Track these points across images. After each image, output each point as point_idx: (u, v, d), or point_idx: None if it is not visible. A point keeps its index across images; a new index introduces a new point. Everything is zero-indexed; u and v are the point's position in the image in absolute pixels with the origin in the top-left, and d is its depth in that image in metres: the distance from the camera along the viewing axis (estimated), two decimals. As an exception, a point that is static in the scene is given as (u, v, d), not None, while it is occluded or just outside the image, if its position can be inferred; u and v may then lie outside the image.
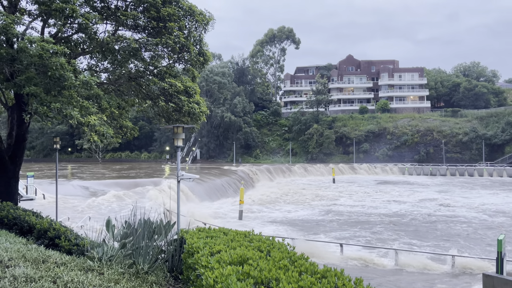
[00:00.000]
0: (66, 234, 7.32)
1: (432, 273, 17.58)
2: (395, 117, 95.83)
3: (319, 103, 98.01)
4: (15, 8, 13.41)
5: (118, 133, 17.26)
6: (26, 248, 6.42)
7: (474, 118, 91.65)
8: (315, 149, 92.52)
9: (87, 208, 27.44)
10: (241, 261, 4.80)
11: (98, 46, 14.53)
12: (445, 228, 27.95)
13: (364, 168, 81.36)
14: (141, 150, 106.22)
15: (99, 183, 40.62)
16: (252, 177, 58.76)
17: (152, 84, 15.99)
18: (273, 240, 6.08)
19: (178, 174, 11.49)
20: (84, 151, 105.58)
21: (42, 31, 14.01)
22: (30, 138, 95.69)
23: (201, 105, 16.68)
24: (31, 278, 4.91)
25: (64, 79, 11.13)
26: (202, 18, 16.03)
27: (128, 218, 7.07)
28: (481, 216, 32.55)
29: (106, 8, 14.73)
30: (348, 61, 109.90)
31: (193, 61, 16.35)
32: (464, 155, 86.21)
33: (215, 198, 40.66)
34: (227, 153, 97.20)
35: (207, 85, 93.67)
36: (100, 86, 15.17)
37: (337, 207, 38.02)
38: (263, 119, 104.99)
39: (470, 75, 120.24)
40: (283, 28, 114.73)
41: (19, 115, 13.50)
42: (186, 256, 5.75)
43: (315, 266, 4.60)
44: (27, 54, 10.94)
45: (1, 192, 14.13)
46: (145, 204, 27.42)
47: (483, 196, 45.36)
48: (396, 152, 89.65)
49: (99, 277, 5.31)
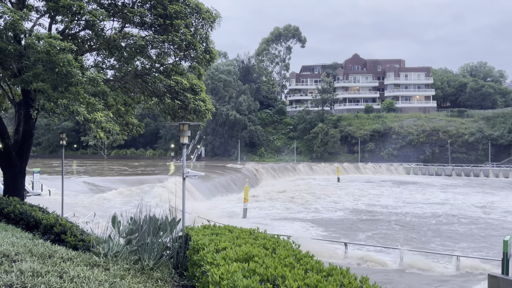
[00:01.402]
0: (72, 230, 7.35)
1: (436, 273, 17.51)
2: (400, 117, 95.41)
3: (324, 102, 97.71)
4: (23, 4, 13.49)
5: (124, 130, 17.34)
6: (33, 243, 6.46)
7: (481, 119, 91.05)
8: (320, 148, 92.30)
9: (93, 204, 27.57)
10: (246, 258, 4.80)
11: (105, 43, 14.58)
12: (453, 229, 27.82)
13: (369, 168, 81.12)
14: (146, 147, 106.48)
15: (104, 179, 40.81)
16: (256, 175, 58.76)
17: (158, 82, 16.04)
18: (278, 238, 6.08)
19: (183, 172, 11.52)
20: (89, 148, 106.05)
21: (49, 27, 14.08)
22: (37, 134, 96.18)
23: (207, 103, 16.71)
24: (38, 273, 4.94)
25: (71, 75, 11.18)
26: (209, 16, 16.03)
27: (133, 215, 7.09)
28: (491, 216, 32.38)
29: (113, 5, 14.77)
30: (354, 60, 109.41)
31: (199, 59, 16.37)
32: (470, 155, 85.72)
33: (220, 196, 40.73)
34: (232, 151, 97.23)
35: (213, 83, 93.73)
36: (106, 83, 15.22)
37: (340, 205, 37.95)
38: (268, 118, 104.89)
39: (477, 75, 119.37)
40: (289, 26, 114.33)
41: (26, 111, 13.59)
42: (191, 253, 5.75)
43: (321, 264, 4.59)
44: (35, 50, 11.00)
45: (8, 187, 14.25)
46: (151, 201, 27.51)
47: (494, 196, 45.10)
48: (401, 152, 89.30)
49: (104, 272, 5.33)
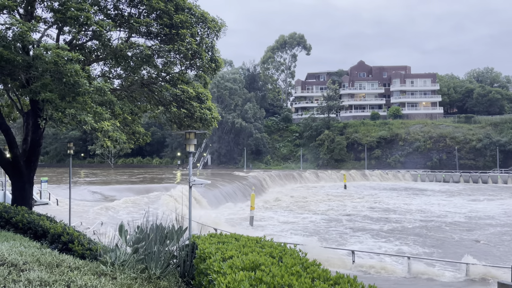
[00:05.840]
0: (79, 239, 7.38)
1: (446, 281, 17.31)
2: (407, 123, 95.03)
3: (330, 109, 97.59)
4: (31, 16, 13.67)
5: (131, 138, 17.43)
6: (40, 252, 6.49)
7: (488, 124, 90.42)
8: (326, 155, 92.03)
9: (100, 213, 27.64)
10: (253, 266, 4.79)
11: (112, 53, 14.72)
12: (465, 236, 27.55)
13: (376, 175, 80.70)
14: (152, 156, 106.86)
15: (111, 188, 40.92)
16: (263, 183, 58.66)
17: (165, 90, 16.15)
18: (285, 246, 6.05)
19: (189, 180, 11.55)
20: (96, 157, 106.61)
21: (57, 38, 14.26)
22: (44, 144, 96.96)
23: (213, 111, 16.77)
24: (46, 282, 4.96)
25: (78, 85, 11.30)
26: (214, 25, 16.15)
27: (140, 223, 7.11)
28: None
29: (119, 15, 14.94)
30: (359, 67, 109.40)
31: (205, 68, 16.47)
32: (478, 161, 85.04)
33: (226, 204, 40.65)
34: (238, 159, 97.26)
35: (218, 91, 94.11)
36: (113, 92, 15.35)
37: (347, 211, 37.73)
38: (274, 125, 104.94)
39: (484, 81, 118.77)
40: (294, 34, 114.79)
41: (35, 120, 13.72)
42: (198, 262, 5.75)
43: (328, 273, 4.56)
44: (43, 61, 11.13)
45: (16, 196, 14.35)
46: (157, 209, 27.55)
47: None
48: (408, 159, 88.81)
49: (112, 281, 5.35)
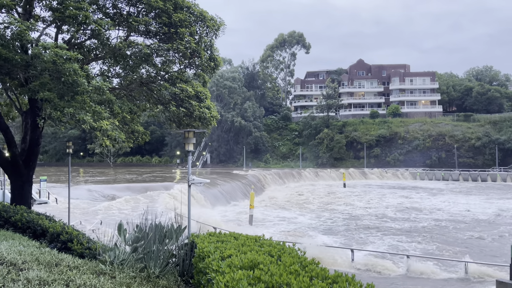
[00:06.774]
0: (78, 238, 7.38)
1: (444, 279, 17.34)
2: (406, 122, 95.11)
3: (329, 107, 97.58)
4: (29, 15, 13.66)
5: (130, 137, 17.42)
6: (39, 252, 6.50)
7: (487, 123, 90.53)
8: (325, 153, 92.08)
9: (99, 212, 27.65)
10: (252, 265, 4.80)
11: (110, 52, 14.71)
12: (460, 235, 27.61)
13: (375, 173, 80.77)
14: (152, 155, 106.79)
15: (110, 187, 40.89)
16: (262, 181, 58.68)
17: (163, 89, 16.14)
18: (284, 245, 6.06)
19: (189, 179, 11.56)
20: (95, 156, 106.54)
21: (56, 37, 14.25)
22: (43, 143, 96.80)
23: (212, 110, 16.78)
24: (45, 281, 4.98)
25: (77, 84, 11.29)
26: (213, 24, 16.14)
27: (139, 222, 7.12)
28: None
29: (118, 14, 14.93)
30: (358, 66, 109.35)
31: (204, 66, 16.46)
32: (477, 160, 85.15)
33: (226, 203, 40.67)
34: (237, 157, 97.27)
35: (218, 89, 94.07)
36: (112, 91, 15.34)
37: (346, 210, 37.77)
38: (273, 124, 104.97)
39: (483, 79, 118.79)
40: (293, 33, 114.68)
41: (33, 120, 13.72)
42: (197, 261, 5.76)
43: (326, 271, 4.58)
44: (41, 60, 11.12)
45: (15, 195, 14.35)
46: (156, 208, 27.53)
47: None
48: (407, 157, 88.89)
49: (111, 280, 5.36)
